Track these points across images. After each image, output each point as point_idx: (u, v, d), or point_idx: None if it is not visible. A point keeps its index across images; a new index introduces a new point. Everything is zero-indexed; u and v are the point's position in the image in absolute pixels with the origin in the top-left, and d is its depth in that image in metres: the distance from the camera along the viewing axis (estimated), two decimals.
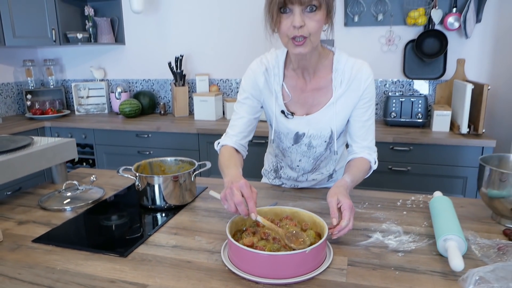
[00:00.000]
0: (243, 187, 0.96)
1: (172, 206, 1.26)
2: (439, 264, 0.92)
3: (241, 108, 1.30)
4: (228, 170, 1.12)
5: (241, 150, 1.30)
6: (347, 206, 0.99)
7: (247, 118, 1.29)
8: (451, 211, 1.10)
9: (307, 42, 1.05)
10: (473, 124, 2.34)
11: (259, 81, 1.26)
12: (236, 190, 0.95)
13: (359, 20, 2.77)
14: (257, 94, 1.28)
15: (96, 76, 3.40)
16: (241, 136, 1.29)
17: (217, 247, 1.00)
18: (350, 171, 1.19)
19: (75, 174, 1.64)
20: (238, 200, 0.94)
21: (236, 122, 1.30)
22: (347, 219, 0.97)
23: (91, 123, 2.93)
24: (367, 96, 1.21)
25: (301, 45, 1.05)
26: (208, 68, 3.24)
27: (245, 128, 1.29)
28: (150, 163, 1.38)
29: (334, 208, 1.00)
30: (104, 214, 1.24)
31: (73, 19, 3.20)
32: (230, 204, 0.96)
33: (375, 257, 0.95)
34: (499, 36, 2.61)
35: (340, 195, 1.02)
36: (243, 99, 1.29)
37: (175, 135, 2.76)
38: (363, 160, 1.24)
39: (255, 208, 0.95)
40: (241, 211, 0.94)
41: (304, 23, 1.02)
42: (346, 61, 1.20)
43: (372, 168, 1.28)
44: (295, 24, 1.01)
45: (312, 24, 1.03)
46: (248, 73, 1.28)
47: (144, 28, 3.29)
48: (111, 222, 1.18)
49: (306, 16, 1.02)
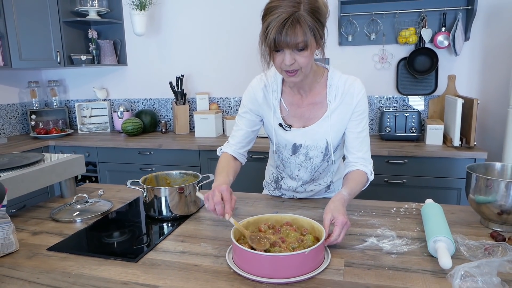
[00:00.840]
0: (224, 191, 1.12)
1: (178, 216, 1.33)
2: (429, 264, 0.98)
3: (241, 121, 1.42)
4: (218, 177, 1.27)
5: (240, 158, 1.43)
6: (339, 222, 1.06)
7: (245, 130, 1.41)
8: (441, 215, 1.17)
9: (298, 73, 1.17)
10: (465, 137, 2.43)
11: (258, 96, 1.36)
12: (218, 193, 1.11)
13: (353, 40, 2.89)
14: (255, 109, 1.38)
15: (99, 96, 3.50)
16: (240, 146, 1.41)
17: (222, 252, 1.06)
18: (347, 184, 1.26)
19: (83, 188, 1.71)
20: (217, 200, 1.10)
21: (236, 133, 1.42)
22: (336, 234, 1.04)
23: (94, 142, 3.00)
24: (359, 109, 1.31)
25: (293, 75, 1.17)
26: (208, 87, 3.34)
27: (244, 139, 1.41)
28: (156, 176, 1.45)
29: (326, 226, 1.06)
30: (113, 224, 1.30)
31: (77, 41, 3.32)
32: (210, 203, 1.11)
33: (370, 259, 1.02)
34: (487, 53, 2.73)
35: (335, 212, 1.09)
36: (243, 113, 1.41)
37: (177, 152, 2.84)
38: (360, 172, 1.32)
39: (230, 210, 1.10)
40: (218, 210, 1.09)
41: (294, 60, 1.12)
42: (340, 77, 1.30)
43: (369, 179, 1.35)
44: (286, 63, 1.12)
45: (301, 60, 1.13)
46: (248, 90, 1.39)
47: (146, 49, 3.41)
48: (120, 231, 1.24)
49: (296, 54, 1.11)
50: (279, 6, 1.06)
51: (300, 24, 1.06)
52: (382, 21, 2.82)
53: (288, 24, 1.05)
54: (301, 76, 1.18)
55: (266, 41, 1.10)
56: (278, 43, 1.08)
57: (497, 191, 1.12)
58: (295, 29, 1.06)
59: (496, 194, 1.12)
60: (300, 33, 1.06)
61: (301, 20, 1.06)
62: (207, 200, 1.12)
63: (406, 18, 2.79)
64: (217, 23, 3.21)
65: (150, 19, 3.28)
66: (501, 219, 1.15)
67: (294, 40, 1.07)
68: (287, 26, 1.05)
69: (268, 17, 1.08)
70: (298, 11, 1.06)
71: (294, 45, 1.08)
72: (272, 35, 1.06)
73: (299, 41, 1.07)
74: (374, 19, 2.83)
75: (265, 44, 1.11)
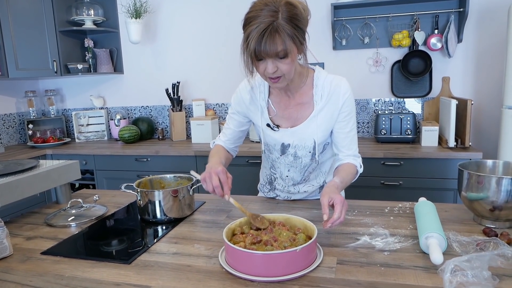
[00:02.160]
0: (220, 173, 1.17)
1: (172, 219, 1.33)
2: (421, 260, 0.99)
3: (229, 120, 1.48)
4: (211, 159, 1.34)
5: (230, 151, 1.51)
6: (339, 201, 1.08)
7: (233, 130, 1.48)
8: (434, 213, 1.17)
9: (281, 79, 1.19)
10: (460, 138, 2.44)
11: (245, 98, 1.39)
12: (214, 175, 1.16)
13: (347, 44, 2.92)
14: (242, 111, 1.43)
15: (96, 104, 3.51)
16: (229, 142, 1.49)
17: (215, 253, 1.06)
18: (338, 174, 1.30)
19: (79, 194, 1.71)
20: (215, 183, 1.15)
21: (225, 131, 1.50)
22: (338, 212, 1.06)
23: (91, 150, 3.01)
24: (346, 109, 1.32)
25: (277, 81, 1.20)
26: (204, 93, 3.36)
27: (232, 138, 1.49)
28: (150, 180, 1.46)
29: (325, 206, 1.09)
30: (108, 228, 1.30)
31: (74, 51, 3.35)
32: (208, 185, 1.16)
33: (363, 256, 1.02)
34: (480, 54, 2.75)
35: (331, 194, 1.12)
36: (231, 113, 1.47)
37: (174, 158, 2.84)
38: (350, 164, 1.35)
39: (229, 191, 1.16)
40: (218, 192, 1.15)
41: (276, 68, 1.14)
42: (326, 77, 1.32)
43: (359, 172, 1.38)
44: (268, 71, 1.15)
45: (284, 67, 1.15)
46: (236, 92, 1.44)
47: (142, 57, 3.44)
48: (114, 235, 1.25)
49: (278, 61, 1.13)
50: (257, 17, 1.08)
51: (278, 33, 1.07)
52: (375, 25, 2.85)
53: (267, 35, 1.07)
54: (284, 82, 1.20)
55: (247, 51, 1.12)
56: (258, 53, 1.10)
57: (489, 188, 1.12)
58: (274, 39, 1.08)
59: (488, 190, 1.13)
60: (279, 42, 1.08)
61: (279, 29, 1.07)
62: (205, 182, 1.17)
63: (399, 22, 2.82)
64: (212, 29, 3.24)
65: (145, 27, 3.31)
66: (494, 215, 1.15)
67: (273, 49, 1.09)
68: (266, 36, 1.07)
69: (247, 27, 1.11)
70: (276, 20, 1.07)
71: (274, 54, 1.10)
72: (253, 45, 1.09)
73: (279, 50, 1.09)
74: (368, 23, 2.85)
75: (246, 53, 1.14)
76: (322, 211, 1.08)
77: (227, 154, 1.48)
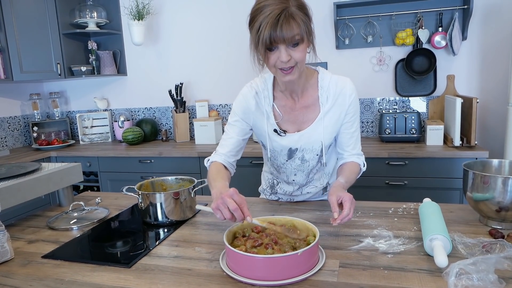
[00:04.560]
0: (234, 195, 1.02)
1: (174, 221, 1.32)
2: (425, 263, 0.97)
3: (231, 129, 1.39)
4: (216, 183, 1.18)
5: (229, 168, 1.37)
6: (348, 198, 1.09)
7: (236, 139, 1.37)
8: (438, 214, 1.15)
9: (294, 69, 1.16)
10: (466, 137, 2.41)
11: (250, 104, 1.35)
12: (229, 199, 1.00)
13: (350, 43, 2.90)
14: (247, 118, 1.37)
15: (100, 106, 3.52)
16: (230, 154, 1.36)
17: (216, 256, 1.05)
18: (343, 174, 1.29)
19: (81, 197, 1.71)
20: (233, 207, 0.99)
21: (225, 142, 1.37)
22: (347, 208, 1.06)
23: (95, 151, 3.01)
24: (352, 110, 1.31)
25: (289, 73, 1.16)
26: (207, 94, 3.36)
27: (234, 148, 1.37)
28: (152, 183, 1.45)
29: (334, 204, 1.09)
30: (109, 231, 1.30)
31: (77, 53, 3.36)
32: (225, 212, 1.00)
33: (366, 259, 1.00)
34: (485, 52, 2.72)
35: (339, 192, 1.12)
36: (234, 121, 1.38)
37: (177, 159, 2.84)
38: (353, 163, 1.35)
39: (248, 212, 1.02)
40: (238, 216, 0.99)
41: (290, 56, 1.12)
42: (330, 78, 1.30)
43: (362, 170, 1.38)
44: (282, 60, 1.11)
45: (297, 55, 1.12)
46: (239, 98, 1.37)
47: (145, 59, 3.44)
48: (116, 238, 1.24)
49: (291, 50, 1.11)
50: (267, 5, 1.07)
51: (293, 18, 1.06)
52: (378, 23, 2.83)
53: (282, 19, 1.05)
54: (297, 73, 1.17)
55: (260, 41, 1.09)
56: (274, 39, 1.07)
57: (495, 188, 1.10)
58: (290, 23, 1.06)
59: (494, 191, 1.10)
60: (295, 26, 1.07)
61: (294, 14, 1.07)
62: (218, 210, 1.01)
63: (403, 20, 2.79)
64: (214, 30, 3.23)
65: (148, 29, 3.32)
66: (500, 216, 1.13)
67: (290, 33, 1.07)
68: (282, 21, 1.05)
69: (258, 17, 1.08)
70: (289, 7, 1.07)
71: (290, 39, 1.08)
72: (267, 32, 1.06)
73: (295, 33, 1.07)
74: (371, 22, 2.83)
75: (259, 44, 1.10)
76: (332, 209, 1.08)
77: (228, 174, 1.33)
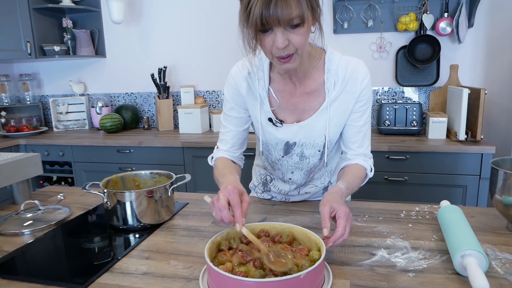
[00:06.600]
0: (231, 194, 0.86)
1: (147, 225, 1.10)
2: (458, 285, 0.78)
3: (227, 120, 1.18)
4: (223, 179, 1.02)
5: (237, 161, 1.21)
6: (343, 213, 0.87)
7: (235, 131, 1.18)
8: (464, 222, 0.96)
9: (294, 57, 0.92)
10: (471, 131, 2.24)
11: (241, 87, 1.12)
12: (222, 196, 0.86)
13: (349, 27, 2.68)
14: (242, 103, 1.15)
15: (76, 90, 3.24)
16: (233, 149, 1.19)
17: (195, 273, 0.85)
18: (344, 178, 1.06)
19: (42, 193, 1.47)
20: (221, 205, 0.84)
21: (224, 137, 1.19)
22: (342, 228, 0.84)
23: (69, 140, 2.76)
24: (363, 98, 1.09)
25: (287, 61, 0.92)
26: (193, 79, 3.12)
27: (236, 142, 1.18)
28: (122, 178, 1.23)
29: (325, 217, 0.87)
30: (66, 237, 1.07)
31: (50, 31, 3.06)
32: (216, 211, 0.85)
33: (382, 279, 0.81)
34: (491, 40, 2.54)
35: (333, 203, 0.89)
36: (228, 110, 1.17)
37: (159, 149, 2.61)
38: (358, 166, 1.12)
39: (241, 218, 0.85)
40: (224, 217, 0.84)
41: (288, 41, 0.88)
42: (340, 60, 1.07)
43: (368, 176, 1.15)
44: (278, 46, 0.87)
45: (297, 40, 0.88)
46: (229, 81, 1.15)
47: (126, 39, 3.17)
48: (72, 247, 1.02)
49: (289, 32, 0.87)
50: None
51: None
52: (380, 7, 2.61)
53: None
54: (297, 61, 0.93)
55: (249, 20, 0.85)
56: (266, 19, 0.83)
57: None
58: (287, 1, 0.82)
59: None
60: (294, 4, 0.83)
61: None
62: (213, 207, 0.87)
63: (406, 3, 2.58)
64: (202, 10, 2.97)
65: (129, 6, 3.04)
66: None
67: (286, 14, 0.83)
68: None
69: None
70: None
71: (287, 21, 0.84)
72: (258, 10, 0.82)
73: (294, 15, 0.83)
74: (372, 4, 2.61)
75: (248, 24, 0.86)
76: (322, 224, 0.86)
77: (237, 168, 1.18)
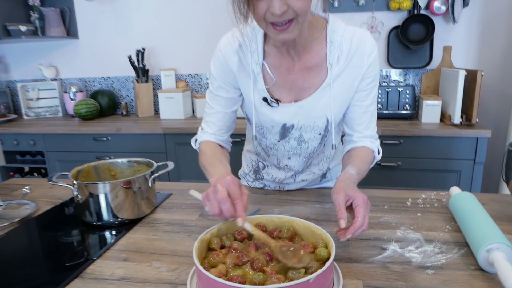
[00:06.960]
0: (230, 185, 0.76)
1: (125, 220, 0.97)
2: (484, 284, 0.68)
3: (214, 100, 1.05)
4: (214, 169, 0.92)
5: (225, 145, 1.09)
6: (361, 201, 0.77)
7: (223, 113, 1.05)
8: (482, 211, 0.87)
9: (293, 25, 0.79)
10: (465, 114, 2.16)
11: (231, 62, 0.98)
12: (221, 187, 0.75)
13: (339, 6, 2.55)
14: (231, 80, 1.01)
15: (47, 75, 3.02)
16: (220, 133, 1.07)
17: (182, 276, 0.72)
18: (353, 162, 0.95)
19: (5, 186, 1.31)
20: (221, 197, 0.73)
21: (210, 118, 1.06)
22: (361, 217, 0.75)
23: (40, 128, 2.56)
24: (370, 75, 0.97)
25: (285, 30, 0.79)
26: (175, 62, 2.94)
27: (223, 124, 1.06)
28: (95, 167, 1.08)
29: (341, 207, 0.76)
30: (31, 237, 0.93)
31: (15, 9, 2.81)
32: (213, 203, 0.74)
33: (398, 278, 0.71)
34: (487, 21, 2.46)
35: (348, 190, 0.79)
36: (215, 89, 1.03)
37: (138, 136, 2.44)
38: (366, 149, 1.01)
39: (243, 211, 0.74)
40: (225, 210, 0.73)
41: (286, 6, 0.75)
42: (344, 31, 0.94)
43: (376, 159, 1.05)
44: (275, 12, 0.74)
45: (298, 4, 0.75)
46: (217, 54, 1.00)
47: (100, 19, 2.95)
48: (38, 248, 0.88)
49: None
50: None
51: None
52: None
53: None
54: (296, 30, 0.80)
55: None
56: None
57: None
58: None
59: None
60: None
61: None
62: (207, 200, 0.76)
63: None
64: None
65: None
66: None
67: None
68: None
69: None
70: None
71: None
72: None
73: None
74: None
75: None
76: (338, 215, 0.75)
77: (226, 153, 1.06)
